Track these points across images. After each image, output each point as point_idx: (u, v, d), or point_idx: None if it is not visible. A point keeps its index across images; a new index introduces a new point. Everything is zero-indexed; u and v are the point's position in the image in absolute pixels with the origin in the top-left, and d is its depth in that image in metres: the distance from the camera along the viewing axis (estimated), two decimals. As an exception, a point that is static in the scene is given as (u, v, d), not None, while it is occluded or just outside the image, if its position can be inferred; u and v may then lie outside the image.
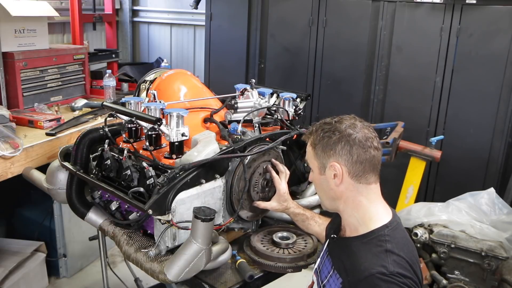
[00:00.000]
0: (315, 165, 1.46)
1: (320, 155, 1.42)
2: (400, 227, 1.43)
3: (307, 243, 1.86)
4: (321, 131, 1.43)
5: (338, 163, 1.38)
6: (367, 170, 1.38)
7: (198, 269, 1.57)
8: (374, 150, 1.39)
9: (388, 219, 1.40)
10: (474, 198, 2.36)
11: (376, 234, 1.36)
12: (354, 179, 1.39)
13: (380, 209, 1.43)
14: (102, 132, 1.95)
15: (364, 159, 1.37)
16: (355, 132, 1.38)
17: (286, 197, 1.84)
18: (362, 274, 1.29)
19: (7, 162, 2.41)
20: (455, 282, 2.19)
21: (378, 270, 1.27)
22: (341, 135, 1.38)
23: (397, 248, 1.33)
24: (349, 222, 1.45)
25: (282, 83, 3.71)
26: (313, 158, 1.46)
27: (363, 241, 1.37)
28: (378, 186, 1.44)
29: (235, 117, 1.99)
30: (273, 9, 3.74)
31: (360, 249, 1.35)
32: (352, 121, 1.42)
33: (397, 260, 1.30)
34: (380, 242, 1.34)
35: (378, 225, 1.38)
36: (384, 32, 3.34)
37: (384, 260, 1.30)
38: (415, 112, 3.32)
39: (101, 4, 4.65)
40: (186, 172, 1.62)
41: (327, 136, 1.40)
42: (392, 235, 1.36)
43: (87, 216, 1.95)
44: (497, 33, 3.01)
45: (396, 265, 1.28)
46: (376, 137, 1.42)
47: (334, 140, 1.39)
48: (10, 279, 2.79)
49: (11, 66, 2.98)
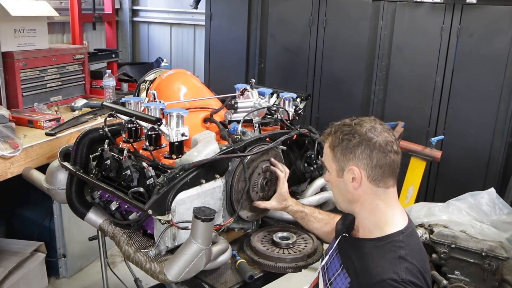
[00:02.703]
0: (333, 168, 1.43)
1: (339, 158, 1.40)
2: (415, 234, 1.41)
3: (307, 243, 1.86)
4: (341, 133, 1.40)
5: (357, 167, 1.36)
6: (386, 174, 1.36)
7: (198, 269, 1.56)
8: (394, 155, 1.36)
9: (404, 225, 1.38)
10: (475, 198, 2.35)
11: (391, 239, 1.34)
12: (373, 183, 1.37)
13: (396, 214, 1.41)
14: (102, 132, 1.94)
15: (384, 164, 1.35)
16: (375, 135, 1.35)
17: (286, 197, 1.84)
18: (374, 279, 1.28)
19: (7, 162, 2.40)
20: (456, 282, 2.19)
21: (390, 277, 1.26)
22: (361, 138, 1.35)
23: (410, 255, 1.31)
24: (364, 224, 1.42)
25: (282, 83, 3.71)
26: (331, 161, 1.42)
27: (377, 245, 1.35)
28: (395, 190, 1.42)
29: (235, 117, 1.99)
30: (273, 9, 3.74)
31: (373, 253, 1.34)
32: (372, 123, 1.39)
33: (410, 267, 1.28)
34: (395, 248, 1.32)
35: (394, 230, 1.36)
36: (384, 32, 3.34)
37: (397, 266, 1.28)
38: (416, 112, 3.32)
39: (101, 4, 4.65)
40: (186, 172, 1.62)
41: (347, 139, 1.37)
42: (406, 242, 1.34)
43: (87, 216, 1.95)
44: (497, 33, 3.01)
45: (408, 273, 1.27)
46: (395, 140, 1.39)
47: (354, 144, 1.36)
48: (9, 279, 2.78)
49: (10, 66, 2.98)
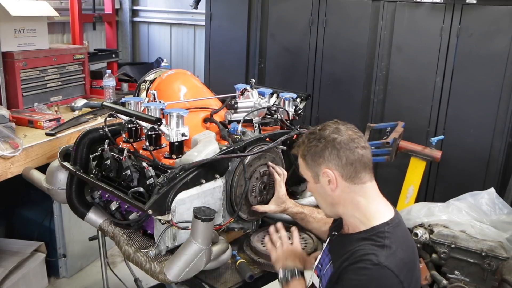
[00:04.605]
0: (309, 175, 1.48)
1: (311, 164, 1.45)
2: (402, 226, 1.44)
3: (307, 243, 1.86)
4: (308, 141, 1.45)
5: (329, 168, 1.40)
6: (358, 170, 1.40)
7: (198, 269, 1.57)
8: (362, 149, 1.40)
9: (389, 217, 1.41)
10: (474, 198, 2.35)
11: (377, 230, 1.37)
12: (348, 181, 1.40)
13: (380, 206, 1.44)
14: (102, 132, 1.95)
15: (354, 160, 1.39)
16: (340, 135, 1.41)
17: (284, 199, 1.86)
18: (353, 260, 1.33)
19: (7, 162, 2.41)
20: (455, 282, 2.18)
21: (368, 258, 1.30)
22: (326, 141, 1.41)
23: (395, 244, 1.34)
24: (350, 221, 1.45)
25: (282, 83, 3.71)
26: (306, 169, 1.48)
27: (364, 236, 1.38)
28: (374, 183, 1.45)
29: (235, 117, 1.99)
30: (273, 9, 3.74)
31: (360, 242, 1.37)
32: (335, 126, 1.44)
33: (391, 256, 1.31)
34: (379, 238, 1.35)
35: (379, 222, 1.39)
36: (384, 32, 3.34)
37: (378, 252, 1.31)
38: (415, 112, 3.31)
39: (101, 4, 4.65)
40: (186, 172, 1.62)
41: (314, 145, 1.43)
42: (392, 232, 1.37)
43: (87, 216, 1.95)
44: (497, 33, 3.00)
45: (387, 260, 1.29)
46: (361, 136, 1.44)
47: (321, 148, 1.41)
48: (10, 279, 2.78)
49: (11, 66, 2.98)
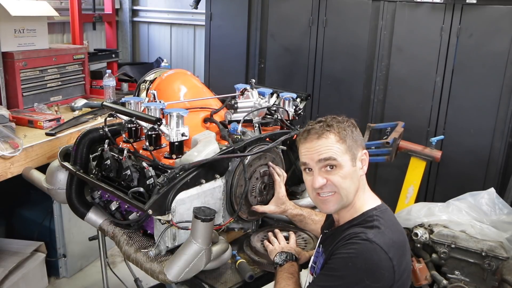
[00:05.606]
0: (347, 159, 1.39)
1: (352, 146, 1.41)
2: (389, 211, 1.49)
3: (307, 243, 1.86)
4: (337, 124, 1.43)
5: (364, 148, 1.46)
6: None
7: (198, 269, 1.56)
8: None
9: (378, 203, 1.47)
10: (474, 198, 2.35)
11: (366, 215, 1.43)
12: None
13: (368, 195, 1.49)
14: (102, 132, 1.95)
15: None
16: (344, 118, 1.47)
17: (284, 200, 1.86)
18: (343, 240, 1.37)
19: (7, 162, 2.40)
20: (456, 282, 2.18)
21: (357, 235, 1.34)
22: (351, 123, 1.45)
23: (384, 226, 1.38)
24: (343, 215, 1.49)
25: (282, 83, 3.71)
26: (343, 153, 1.39)
27: (354, 223, 1.43)
28: None
29: (235, 117, 1.99)
30: (273, 9, 3.74)
31: (350, 228, 1.41)
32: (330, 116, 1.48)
33: (379, 234, 1.34)
34: (368, 221, 1.40)
35: (367, 208, 1.44)
36: (384, 32, 3.34)
37: (368, 230, 1.36)
38: (415, 112, 3.32)
39: (101, 4, 4.65)
40: (186, 172, 1.62)
41: (348, 126, 1.44)
42: (381, 216, 1.42)
43: (87, 216, 1.95)
44: (497, 33, 3.00)
45: (376, 237, 1.33)
46: None
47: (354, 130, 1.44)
48: (9, 279, 2.78)
49: (10, 66, 2.98)
